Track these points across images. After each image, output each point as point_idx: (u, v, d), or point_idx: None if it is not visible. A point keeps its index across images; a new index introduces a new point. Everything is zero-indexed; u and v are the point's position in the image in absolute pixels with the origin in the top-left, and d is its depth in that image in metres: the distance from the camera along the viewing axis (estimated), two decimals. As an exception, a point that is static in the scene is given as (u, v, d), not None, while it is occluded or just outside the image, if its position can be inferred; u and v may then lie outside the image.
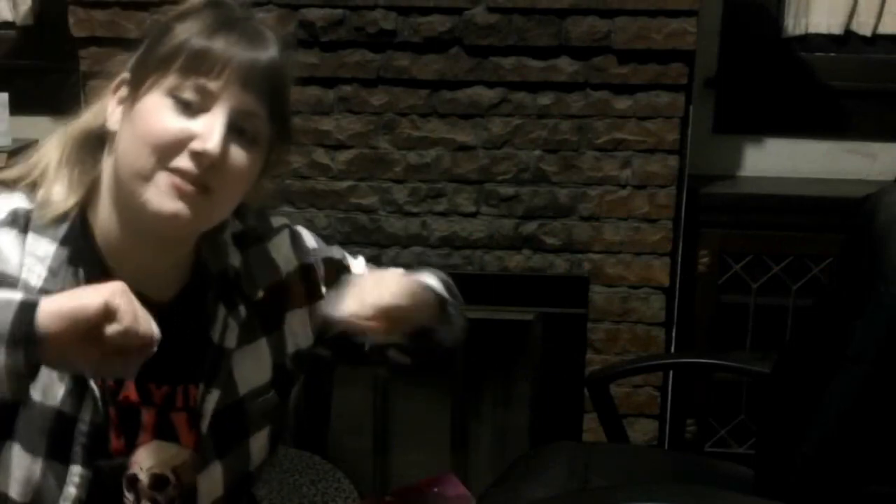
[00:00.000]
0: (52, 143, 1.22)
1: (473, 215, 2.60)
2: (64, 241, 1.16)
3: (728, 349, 2.74)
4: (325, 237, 1.45)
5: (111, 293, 1.00)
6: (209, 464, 1.26)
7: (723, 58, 2.85)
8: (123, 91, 1.18)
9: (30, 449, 1.15)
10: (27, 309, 1.00)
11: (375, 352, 1.36)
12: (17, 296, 1.02)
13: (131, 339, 1.01)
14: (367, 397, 2.72)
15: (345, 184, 2.59)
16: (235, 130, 1.15)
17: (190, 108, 1.13)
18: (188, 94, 1.13)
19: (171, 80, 1.14)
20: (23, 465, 1.15)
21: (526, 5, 2.46)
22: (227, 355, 1.26)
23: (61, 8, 2.52)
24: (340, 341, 1.37)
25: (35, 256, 1.15)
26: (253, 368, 1.30)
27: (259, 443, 1.32)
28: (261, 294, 1.30)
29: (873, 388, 1.58)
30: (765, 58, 2.85)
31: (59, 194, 1.18)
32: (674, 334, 2.67)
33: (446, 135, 2.56)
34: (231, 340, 1.27)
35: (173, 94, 1.13)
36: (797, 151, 2.89)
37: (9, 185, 1.19)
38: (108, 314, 0.99)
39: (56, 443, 1.16)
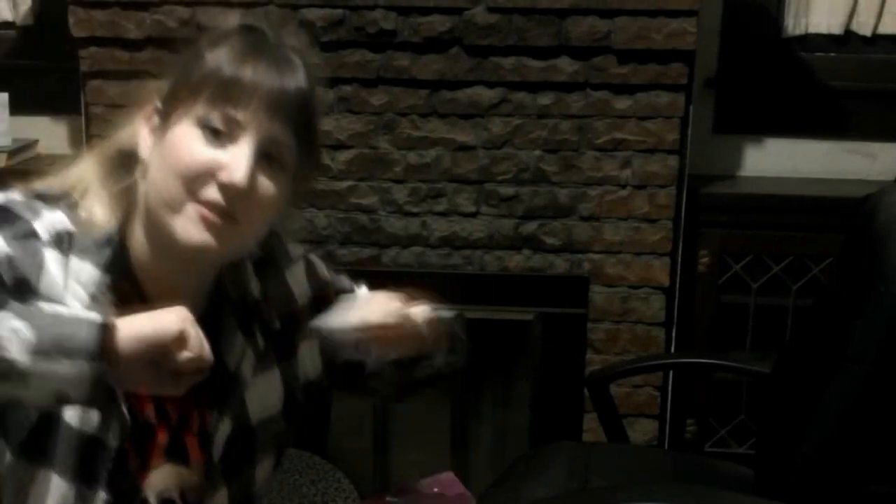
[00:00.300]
0: (90, 161, 1.22)
1: (473, 215, 2.60)
2: (107, 268, 1.16)
3: (728, 349, 2.73)
4: (327, 244, 1.45)
5: (184, 320, 1.04)
6: (217, 489, 1.26)
7: (723, 58, 2.85)
8: (155, 120, 1.18)
9: (66, 477, 1.15)
10: (107, 330, 1.01)
11: (366, 378, 1.37)
12: (96, 316, 1.03)
13: (197, 365, 1.05)
14: (367, 397, 2.72)
15: (345, 184, 2.59)
16: (263, 157, 1.15)
17: (218, 138, 1.13)
18: (217, 124, 1.13)
19: (200, 108, 1.13)
20: (58, 492, 1.15)
21: (526, 5, 2.46)
22: (241, 384, 1.27)
23: (61, 8, 2.52)
24: (340, 371, 1.37)
25: (78, 281, 1.14)
26: (266, 398, 1.30)
27: (265, 468, 1.32)
28: (278, 324, 1.30)
29: (873, 388, 1.58)
30: (765, 58, 2.85)
31: (101, 215, 1.18)
32: (674, 334, 2.67)
33: (446, 135, 2.56)
34: (247, 369, 1.27)
35: (202, 124, 1.13)
36: (797, 151, 2.89)
37: (49, 201, 1.18)
38: (181, 341, 1.03)
39: (87, 468, 1.16)
